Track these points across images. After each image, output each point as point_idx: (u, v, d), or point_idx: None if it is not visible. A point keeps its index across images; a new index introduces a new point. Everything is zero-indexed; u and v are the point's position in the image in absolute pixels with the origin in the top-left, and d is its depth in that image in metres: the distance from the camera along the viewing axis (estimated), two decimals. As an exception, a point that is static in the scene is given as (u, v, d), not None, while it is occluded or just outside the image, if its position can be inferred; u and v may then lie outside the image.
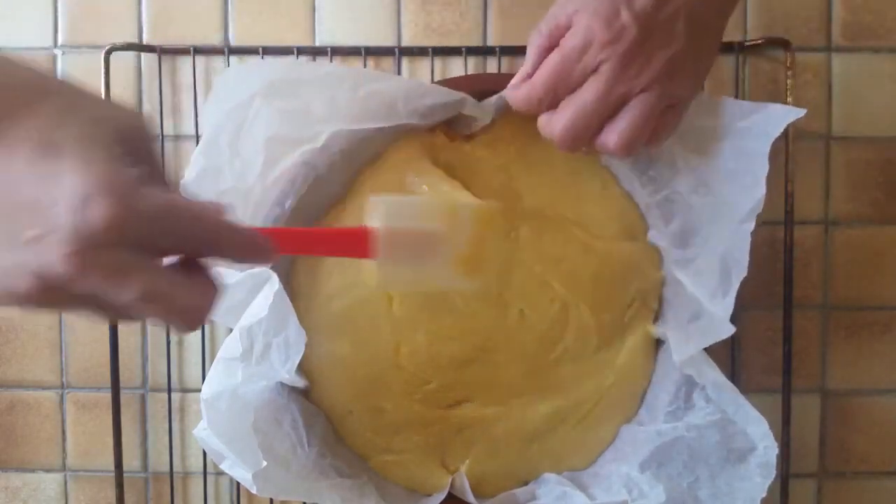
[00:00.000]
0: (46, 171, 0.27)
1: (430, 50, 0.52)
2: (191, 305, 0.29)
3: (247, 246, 0.31)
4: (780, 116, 0.42)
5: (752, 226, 0.42)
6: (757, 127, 0.42)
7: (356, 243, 0.37)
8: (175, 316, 0.29)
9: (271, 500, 0.54)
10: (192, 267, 0.31)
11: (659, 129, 0.40)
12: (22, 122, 0.28)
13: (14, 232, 0.27)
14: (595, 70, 0.38)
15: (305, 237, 0.38)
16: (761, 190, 0.41)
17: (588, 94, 0.38)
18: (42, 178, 0.27)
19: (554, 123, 0.39)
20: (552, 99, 0.40)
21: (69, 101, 0.29)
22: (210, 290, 0.30)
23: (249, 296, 0.43)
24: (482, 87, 0.46)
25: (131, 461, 0.55)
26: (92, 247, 0.26)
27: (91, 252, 0.26)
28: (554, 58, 0.39)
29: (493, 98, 0.46)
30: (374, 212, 0.38)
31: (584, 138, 0.39)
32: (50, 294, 0.27)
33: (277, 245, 0.32)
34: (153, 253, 0.29)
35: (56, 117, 0.28)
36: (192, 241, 0.29)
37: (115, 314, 0.30)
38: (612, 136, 0.39)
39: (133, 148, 0.29)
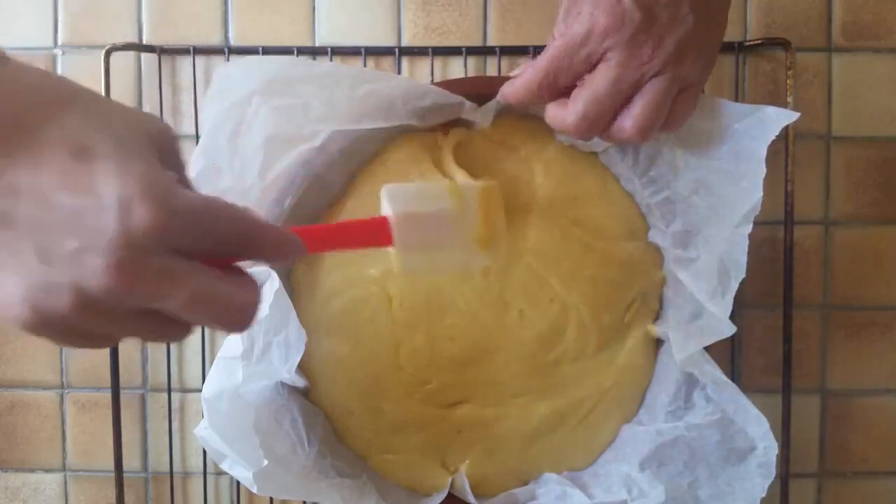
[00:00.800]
0: (82, 177, 0.25)
1: (430, 50, 0.52)
2: (241, 302, 0.29)
3: (280, 244, 0.30)
4: (775, 119, 0.42)
5: (749, 228, 0.42)
6: (753, 129, 0.42)
7: (376, 233, 0.39)
8: (225, 315, 0.28)
9: (271, 500, 0.54)
10: (229, 269, 0.30)
11: (675, 113, 0.40)
12: (51, 129, 0.26)
13: (49, 246, 0.25)
14: (602, 58, 0.38)
15: (329, 233, 0.39)
16: (758, 193, 0.42)
17: (599, 80, 0.38)
18: (78, 185, 0.25)
19: (566, 113, 0.39)
20: (551, 84, 0.39)
21: (98, 107, 0.28)
22: (254, 286, 0.30)
23: (249, 295, 0.43)
24: (483, 89, 0.46)
25: (131, 461, 0.55)
26: (138, 253, 0.25)
27: (134, 261, 0.25)
28: (556, 44, 0.38)
29: (492, 102, 0.46)
30: (385, 200, 0.39)
31: (598, 126, 0.39)
32: (87, 313, 0.26)
33: (305, 243, 0.32)
34: (193, 255, 0.27)
35: (87, 121, 0.27)
36: (230, 240, 0.29)
37: (154, 331, 0.28)
38: (628, 121, 0.39)
39: (163, 152, 0.29)
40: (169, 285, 0.26)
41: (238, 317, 0.29)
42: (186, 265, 0.27)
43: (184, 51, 0.53)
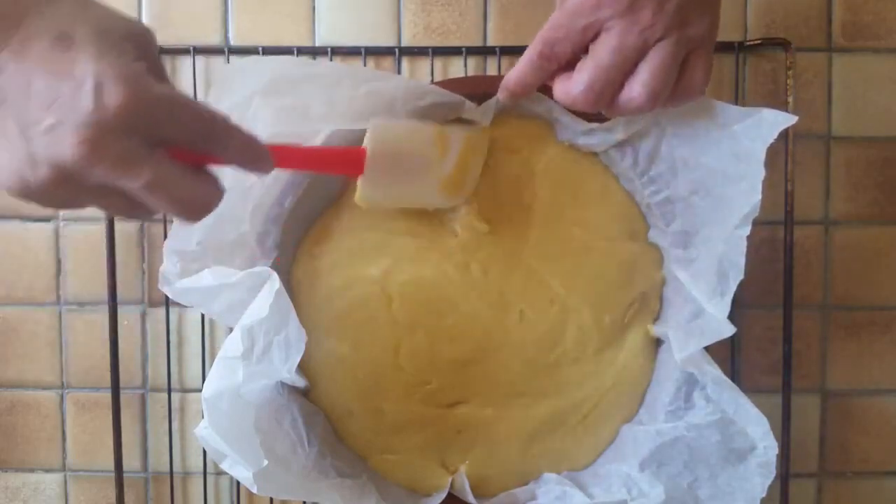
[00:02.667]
0: (61, 61, 0.28)
1: (430, 50, 0.52)
2: (196, 195, 0.31)
3: (246, 147, 0.32)
4: (773, 122, 0.42)
5: (747, 230, 0.42)
6: (752, 131, 0.42)
7: (349, 162, 0.40)
8: (180, 205, 0.31)
9: (271, 500, 0.54)
10: (196, 168, 0.32)
11: (690, 78, 0.39)
12: (39, 18, 0.29)
13: (30, 122, 0.28)
14: (603, 28, 0.37)
15: (302, 154, 0.40)
16: (757, 195, 0.41)
17: (602, 49, 0.37)
18: (57, 67, 0.28)
19: (572, 85, 0.39)
20: (550, 55, 0.39)
21: (83, 2, 0.30)
22: (215, 184, 0.32)
23: (249, 295, 0.43)
24: (482, 88, 0.46)
25: (131, 461, 0.55)
26: (103, 133, 0.28)
27: (102, 138, 0.28)
28: (553, 15, 0.38)
29: (492, 101, 0.46)
30: (369, 134, 0.41)
31: (605, 96, 0.39)
32: (63, 185, 0.29)
33: (275, 158, 0.34)
34: (159, 144, 0.30)
35: (71, 13, 0.29)
36: (195, 133, 0.31)
37: (121, 207, 0.31)
38: (637, 87, 0.38)
39: (140, 48, 0.31)
40: (130, 166, 0.29)
41: (191, 208, 0.31)
42: (149, 151, 0.29)
43: (184, 51, 0.53)
